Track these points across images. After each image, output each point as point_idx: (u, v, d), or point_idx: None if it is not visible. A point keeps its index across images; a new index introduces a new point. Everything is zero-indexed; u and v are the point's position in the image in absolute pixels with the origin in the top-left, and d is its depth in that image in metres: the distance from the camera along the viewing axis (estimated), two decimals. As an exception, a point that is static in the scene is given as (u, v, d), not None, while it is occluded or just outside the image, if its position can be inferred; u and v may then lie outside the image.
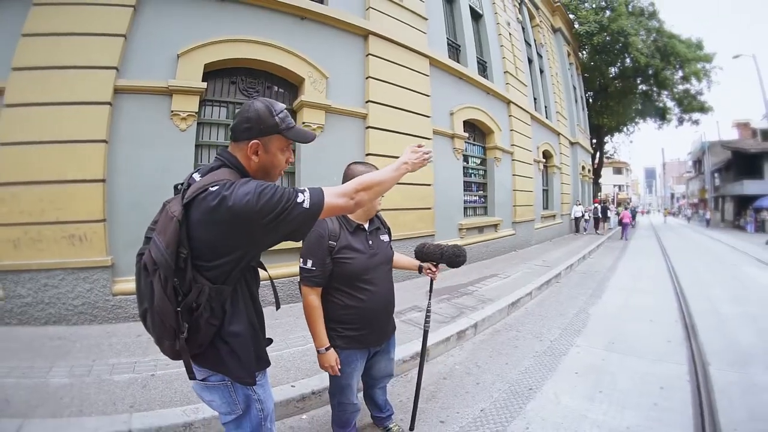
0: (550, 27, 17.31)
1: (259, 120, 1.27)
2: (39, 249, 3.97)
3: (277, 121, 1.29)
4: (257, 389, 1.39)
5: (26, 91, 4.01)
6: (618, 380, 3.32)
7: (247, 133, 1.28)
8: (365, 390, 2.39)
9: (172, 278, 1.17)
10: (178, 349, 1.24)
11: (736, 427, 2.59)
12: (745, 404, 2.90)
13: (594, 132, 26.07)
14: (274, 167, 1.36)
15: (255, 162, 1.31)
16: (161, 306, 1.19)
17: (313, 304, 1.87)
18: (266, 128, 1.28)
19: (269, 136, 1.29)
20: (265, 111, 1.28)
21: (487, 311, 4.82)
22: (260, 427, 1.41)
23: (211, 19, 4.88)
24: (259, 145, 1.28)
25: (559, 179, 15.94)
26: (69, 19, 4.19)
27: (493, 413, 2.77)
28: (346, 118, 6.05)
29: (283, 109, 1.32)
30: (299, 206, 1.19)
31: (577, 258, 9.57)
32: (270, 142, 1.30)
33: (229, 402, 1.35)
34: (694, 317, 5.10)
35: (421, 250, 2.38)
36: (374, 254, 2.00)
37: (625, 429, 2.59)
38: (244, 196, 1.14)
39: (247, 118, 1.27)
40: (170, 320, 1.20)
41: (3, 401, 2.53)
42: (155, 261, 1.18)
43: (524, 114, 11.85)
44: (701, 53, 23.32)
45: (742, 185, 25.72)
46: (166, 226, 1.18)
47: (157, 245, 1.19)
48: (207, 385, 1.35)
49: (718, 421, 2.64)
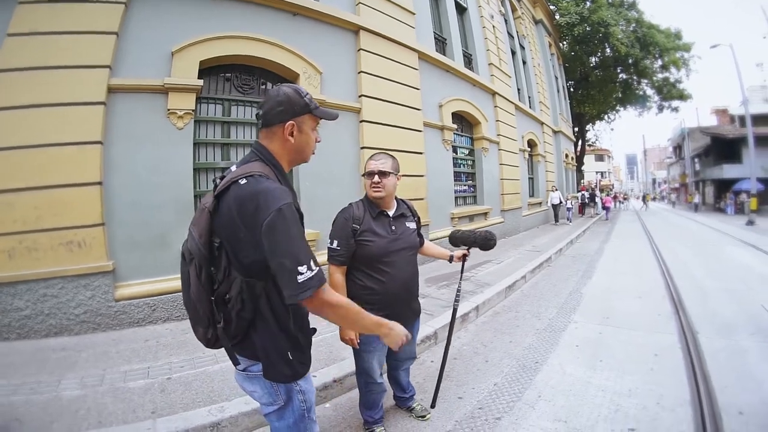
0: (532, 18, 17.54)
1: (290, 102, 1.31)
2: (35, 258, 3.81)
3: (307, 101, 1.34)
4: (300, 381, 1.36)
5: (14, 94, 3.82)
6: (615, 351, 3.55)
7: (281, 115, 1.31)
8: (389, 371, 2.51)
9: (207, 267, 1.23)
10: (210, 337, 1.29)
11: (726, 385, 2.83)
12: (732, 366, 3.16)
13: (576, 120, 26.62)
14: (308, 146, 1.40)
15: (291, 143, 1.34)
16: (196, 294, 1.24)
17: (338, 282, 2.04)
18: (299, 108, 1.32)
19: (302, 116, 1.34)
20: (295, 93, 1.32)
21: (486, 294, 5.00)
22: (303, 418, 1.38)
23: (204, 16, 4.83)
24: (294, 125, 1.32)
25: (543, 167, 16.27)
26: (57, 17, 4.03)
27: (506, 386, 2.94)
28: (341, 112, 6.01)
29: (308, 93, 1.37)
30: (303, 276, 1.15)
31: (565, 243, 9.86)
32: (303, 122, 1.35)
33: (270, 393, 1.34)
34: (681, 293, 5.36)
35: (455, 235, 2.58)
36: (396, 239, 2.11)
37: (627, 391, 2.81)
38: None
39: (279, 102, 1.30)
40: (205, 308, 1.25)
41: (14, 421, 2.37)
42: (191, 251, 1.25)
43: (509, 104, 12.07)
44: (680, 43, 24.02)
45: (721, 169, 26.68)
46: (200, 217, 1.25)
47: (192, 236, 1.25)
48: (248, 375, 1.35)
49: (710, 382, 2.88)
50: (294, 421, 1.38)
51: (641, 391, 2.79)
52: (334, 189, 5.76)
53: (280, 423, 1.39)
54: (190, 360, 3.25)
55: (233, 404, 2.50)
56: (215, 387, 2.78)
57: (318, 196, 5.61)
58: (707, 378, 2.93)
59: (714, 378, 2.93)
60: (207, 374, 2.98)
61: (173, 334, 3.88)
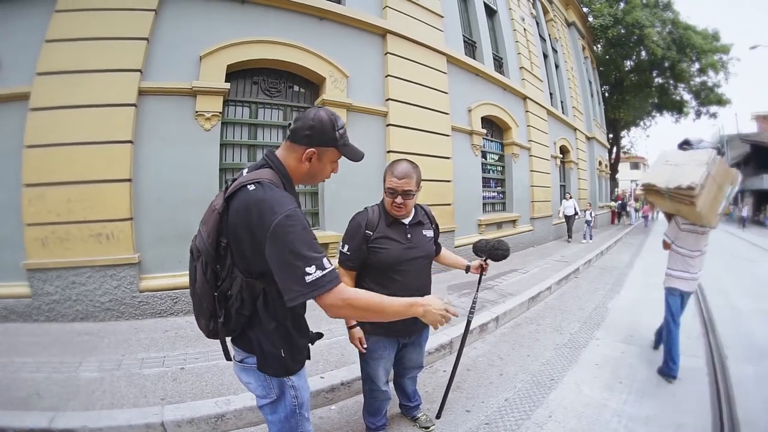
0: (564, 21, 17.07)
1: (321, 130, 1.32)
2: (66, 248, 4.07)
3: (337, 136, 1.35)
4: (292, 377, 1.41)
5: (51, 95, 4.11)
6: (637, 372, 3.38)
7: (306, 139, 1.32)
8: (395, 379, 2.47)
9: (213, 264, 1.29)
10: (211, 329, 1.37)
11: (753, 417, 2.63)
12: (760, 396, 2.95)
13: (610, 127, 25.69)
14: (321, 175, 1.43)
15: (306, 167, 1.36)
16: (201, 288, 1.32)
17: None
18: (326, 140, 1.34)
19: (326, 148, 1.35)
20: (329, 123, 1.33)
21: (508, 305, 4.88)
22: (294, 414, 1.43)
23: (231, 21, 4.97)
24: (315, 153, 1.34)
25: (576, 175, 15.77)
26: (91, 24, 4.27)
27: (516, 402, 2.85)
28: (367, 116, 6.14)
29: (343, 125, 1.38)
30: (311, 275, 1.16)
31: (595, 254, 9.51)
32: (325, 153, 1.36)
33: (264, 385, 1.40)
34: (712, 312, 5.08)
35: (476, 245, 2.49)
36: (411, 247, 2.04)
37: (645, 417, 2.65)
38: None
39: (311, 126, 1.31)
40: (208, 302, 1.32)
41: (35, 395, 2.58)
42: (199, 248, 1.31)
43: (540, 109, 11.76)
44: (718, 44, 22.69)
45: (761, 180, 25.19)
46: (209, 218, 1.30)
47: (201, 234, 1.31)
48: (244, 367, 1.41)
49: (735, 411, 2.69)
50: (285, 415, 1.42)
51: (660, 419, 2.64)
52: (359, 192, 5.73)
53: (273, 417, 1.44)
54: (205, 353, 3.34)
55: (240, 398, 2.56)
56: (225, 380, 2.85)
57: (343, 199, 5.65)
58: (732, 407, 2.75)
59: (740, 407, 2.74)
60: (218, 368, 3.05)
61: (192, 327, 3.95)
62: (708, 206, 2.95)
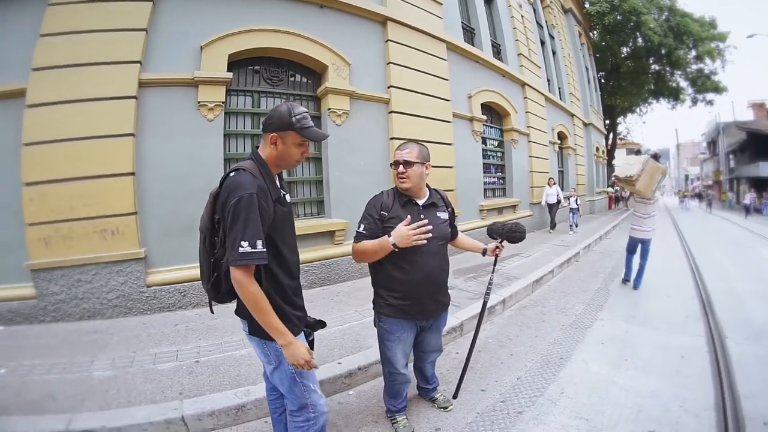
0: (561, 7, 16.96)
1: (279, 118, 1.57)
2: (70, 246, 3.99)
3: (293, 120, 1.56)
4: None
5: (48, 91, 4.00)
6: (641, 350, 3.47)
7: (270, 127, 1.58)
8: (415, 362, 2.53)
9: (210, 237, 1.58)
10: (209, 288, 1.61)
11: (753, 393, 2.71)
12: (761, 374, 3.03)
13: (607, 113, 25.69)
14: (290, 157, 1.63)
15: (274, 152, 1.60)
16: (201, 255, 1.61)
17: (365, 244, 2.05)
18: (283, 125, 1.56)
19: (286, 132, 1.57)
20: (286, 111, 1.57)
21: (513, 288, 4.95)
22: (296, 383, 1.62)
23: (231, 10, 4.90)
24: (277, 137, 1.58)
25: (573, 160, 15.85)
26: (87, 16, 4.14)
27: (529, 380, 2.92)
28: (370, 103, 6.12)
29: (302, 112, 1.59)
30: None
31: (594, 238, 9.61)
32: (286, 137, 1.58)
33: (264, 352, 1.62)
34: (711, 294, 5.19)
35: (491, 227, 2.56)
36: None
37: (651, 392, 2.74)
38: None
39: (271, 116, 1.59)
40: (205, 267, 1.61)
41: (48, 397, 2.50)
42: (201, 226, 1.60)
43: (539, 96, 11.78)
44: (715, 32, 22.72)
45: (757, 167, 25.21)
46: (208, 200, 1.58)
47: (203, 214, 1.60)
48: (248, 335, 1.63)
49: (736, 388, 2.78)
50: (289, 385, 1.63)
51: (665, 393, 2.73)
52: (363, 179, 5.73)
53: (282, 387, 1.66)
54: (218, 344, 3.34)
55: (259, 388, 2.53)
56: (242, 371, 2.85)
57: (347, 186, 5.63)
58: (733, 384, 2.83)
59: (740, 385, 2.82)
60: (234, 359, 3.05)
61: (202, 319, 3.98)
62: (644, 187, 5.02)
